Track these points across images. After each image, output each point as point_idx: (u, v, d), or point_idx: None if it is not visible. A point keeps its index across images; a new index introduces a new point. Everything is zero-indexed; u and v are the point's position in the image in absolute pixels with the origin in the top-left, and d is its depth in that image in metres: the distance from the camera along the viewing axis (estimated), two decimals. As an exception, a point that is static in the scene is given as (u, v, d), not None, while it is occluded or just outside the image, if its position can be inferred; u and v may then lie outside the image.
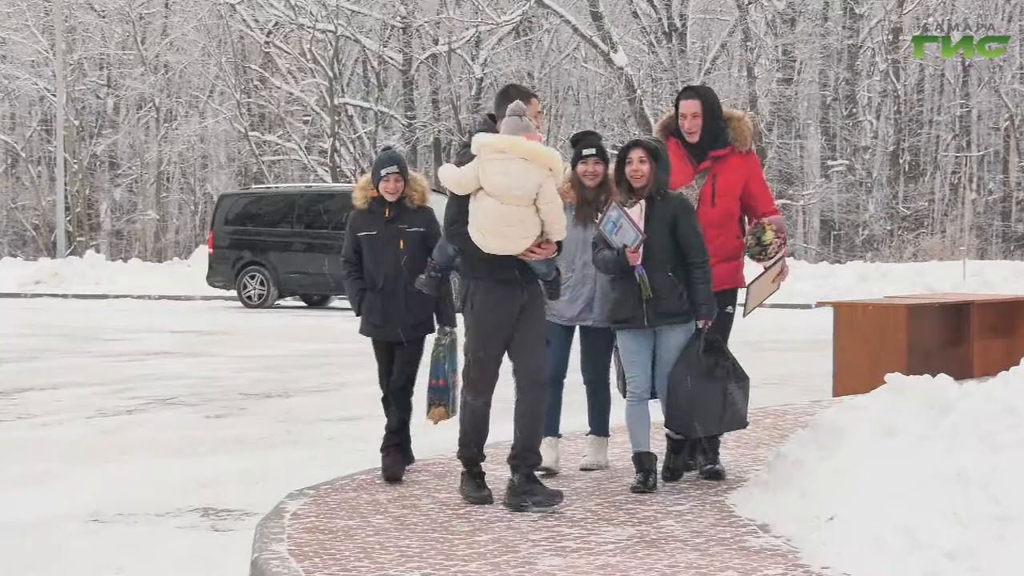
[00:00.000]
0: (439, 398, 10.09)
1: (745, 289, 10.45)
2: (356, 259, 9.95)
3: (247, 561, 9.28)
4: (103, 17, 62.52)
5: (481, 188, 8.43)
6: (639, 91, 50.83)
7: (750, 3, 53.92)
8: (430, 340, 10.54)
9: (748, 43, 56.12)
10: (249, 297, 33.04)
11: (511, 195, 8.30)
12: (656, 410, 10.02)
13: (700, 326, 9.77)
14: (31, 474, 12.84)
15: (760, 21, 56.67)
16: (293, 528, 9.80)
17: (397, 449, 10.52)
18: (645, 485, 9.69)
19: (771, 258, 9.68)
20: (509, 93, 8.86)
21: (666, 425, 10.09)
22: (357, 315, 10.18)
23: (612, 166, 9.73)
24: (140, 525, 10.79)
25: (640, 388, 9.65)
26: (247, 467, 12.17)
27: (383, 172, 9.64)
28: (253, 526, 10.13)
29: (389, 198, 9.79)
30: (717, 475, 10.22)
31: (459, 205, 8.55)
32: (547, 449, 10.06)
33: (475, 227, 8.42)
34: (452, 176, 8.65)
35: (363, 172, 23.74)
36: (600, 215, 9.56)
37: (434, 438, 11.74)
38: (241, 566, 9.25)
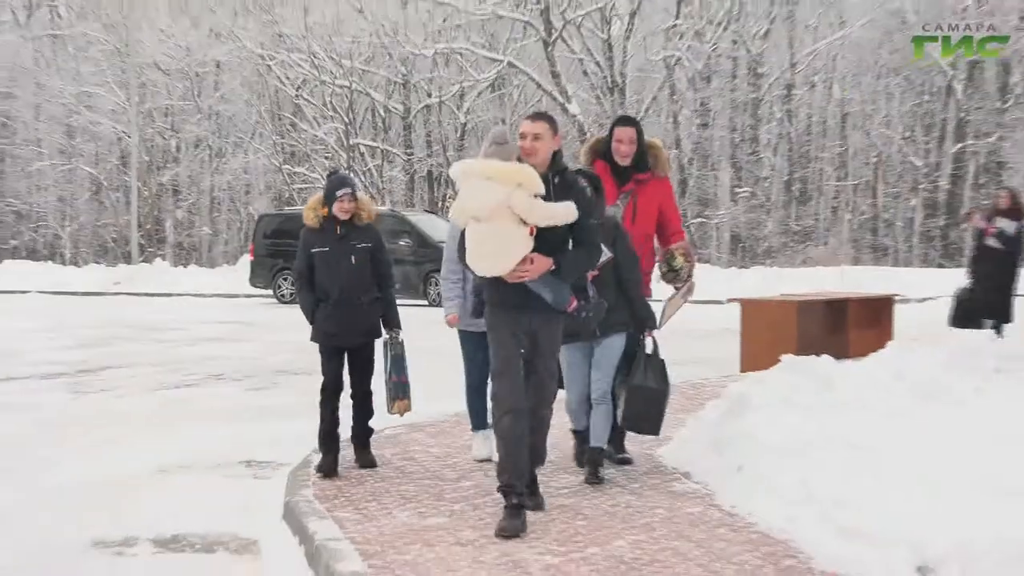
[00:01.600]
0: (402, 392, 9.56)
1: (662, 306, 9.98)
2: (309, 274, 9.30)
3: (281, 503, 9.28)
4: (168, 75, 62.27)
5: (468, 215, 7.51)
6: (588, 134, 50.60)
7: (675, 64, 53.80)
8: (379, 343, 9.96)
9: (674, 96, 55.94)
10: (282, 295, 32.90)
11: (479, 213, 7.29)
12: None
13: (647, 336, 9.22)
14: (109, 436, 12.83)
15: (683, 79, 56.50)
16: (317, 477, 9.80)
17: (336, 448, 9.70)
18: (596, 477, 9.11)
19: (683, 280, 9.54)
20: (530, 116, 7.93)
21: (623, 426, 9.51)
22: (311, 323, 9.51)
23: None
24: (196, 475, 10.81)
25: (577, 390, 9.24)
26: (280, 429, 12.14)
27: (338, 193, 9.08)
28: (286, 475, 10.17)
29: (342, 217, 9.18)
30: (630, 462, 9.86)
31: (462, 235, 7.67)
32: (483, 442, 9.86)
33: (468, 252, 7.50)
34: (451, 213, 7.92)
35: (371, 197, 23.19)
36: None
37: (432, 408, 11.74)
38: (276, 507, 9.32)
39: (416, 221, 34.27)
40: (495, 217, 7.21)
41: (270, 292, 33.46)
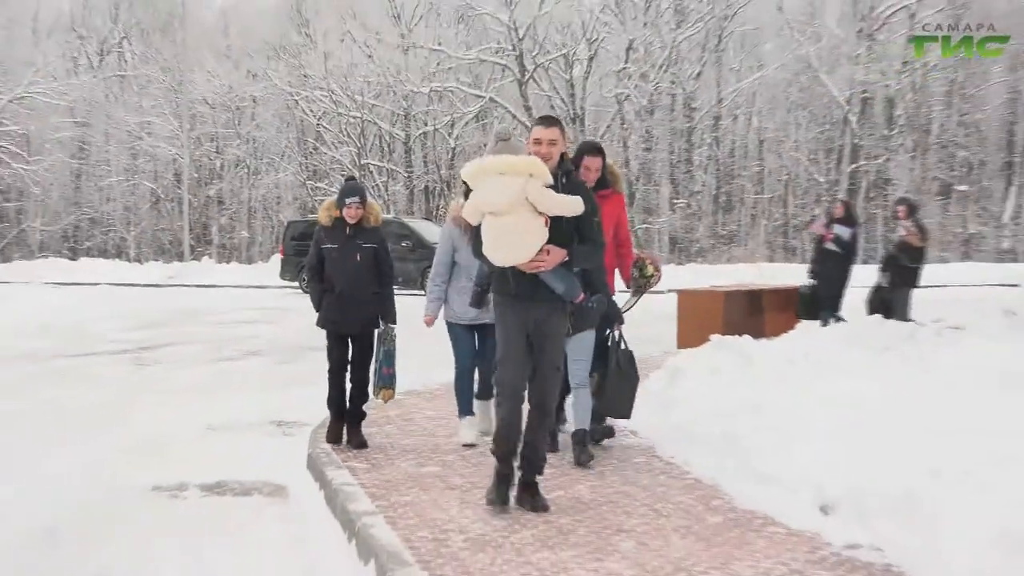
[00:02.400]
0: (389, 383, 9.01)
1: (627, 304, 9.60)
2: (319, 267, 8.86)
3: (305, 455, 9.28)
4: (213, 108, 62.23)
5: (483, 211, 6.70)
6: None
7: (624, 100, 53.79)
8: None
9: (623, 125, 55.83)
10: (306, 286, 32.86)
11: (499, 207, 6.52)
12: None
13: (616, 329, 8.77)
14: (165, 401, 12.87)
15: (631, 112, 56.34)
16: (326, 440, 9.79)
17: (342, 417, 9.26)
18: (586, 454, 8.46)
19: (651, 286, 9.40)
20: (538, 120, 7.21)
21: (604, 413, 8.94)
22: (317, 311, 8.99)
23: None
24: (236, 433, 10.85)
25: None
26: (303, 395, 12.10)
27: (347, 201, 8.66)
28: (308, 433, 10.15)
29: (351, 220, 8.71)
30: (612, 433, 9.25)
31: (476, 231, 6.86)
32: (468, 428, 9.20)
33: (485, 245, 6.71)
34: (464, 211, 7.00)
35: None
36: None
37: (426, 377, 11.68)
38: (301, 458, 9.31)
39: (415, 226, 34.46)
40: (513, 210, 6.51)
41: (296, 284, 33.39)
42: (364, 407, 9.35)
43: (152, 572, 6.50)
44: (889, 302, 16.08)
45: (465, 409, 9.16)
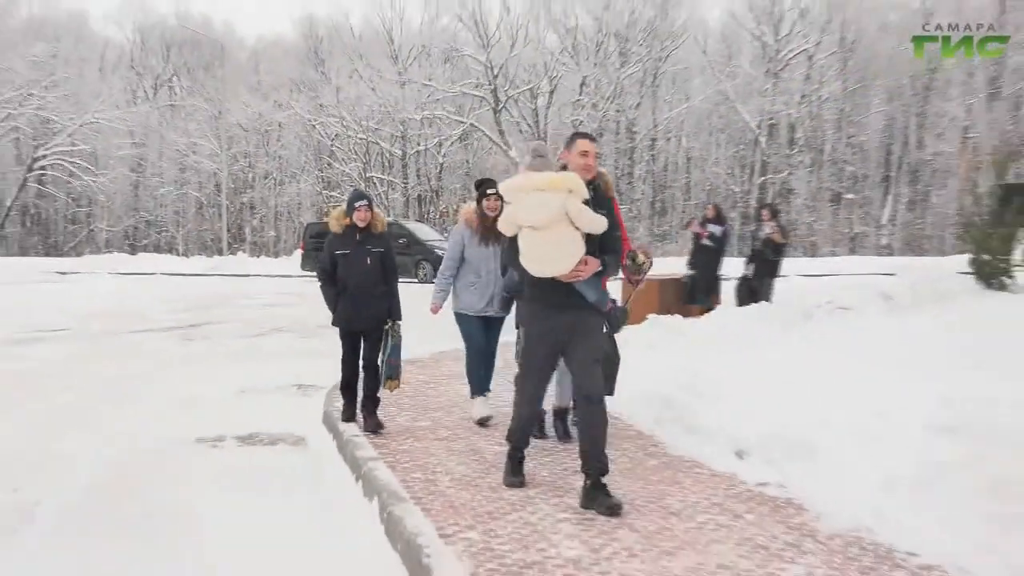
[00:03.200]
0: (395, 373, 8.30)
1: (626, 297, 9.28)
2: (332, 270, 8.19)
3: (321, 412, 9.23)
4: (246, 131, 62.22)
5: (520, 225, 5.94)
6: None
7: (579, 125, 53.88)
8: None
9: (578, 145, 56.32)
10: (322, 276, 32.96)
11: (541, 221, 5.81)
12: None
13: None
14: (207, 368, 12.83)
15: (584, 134, 56.70)
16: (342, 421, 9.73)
17: (354, 400, 8.50)
18: (540, 432, 7.75)
19: (644, 273, 8.91)
20: (571, 136, 6.39)
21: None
22: (332, 311, 8.27)
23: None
24: (265, 394, 10.77)
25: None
26: (322, 364, 12.05)
27: (356, 204, 8.06)
28: (324, 394, 10.10)
29: (360, 224, 8.09)
30: None
31: (511, 242, 6.07)
32: (482, 404, 8.40)
33: (524, 257, 5.93)
34: (500, 225, 6.13)
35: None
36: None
37: (420, 349, 11.57)
38: (318, 414, 9.25)
39: (410, 227, 34.40)
40: (554, 224, 5.81)
41: (314, 274, 33.36)
42: (379, 394, 8.66)
43: (198, 507, 6.51)
44: (756, 290, 16.17)
45: (478, 389, 8.45)
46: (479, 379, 8.40)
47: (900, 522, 5.54)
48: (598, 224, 5.89)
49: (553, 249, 5.82)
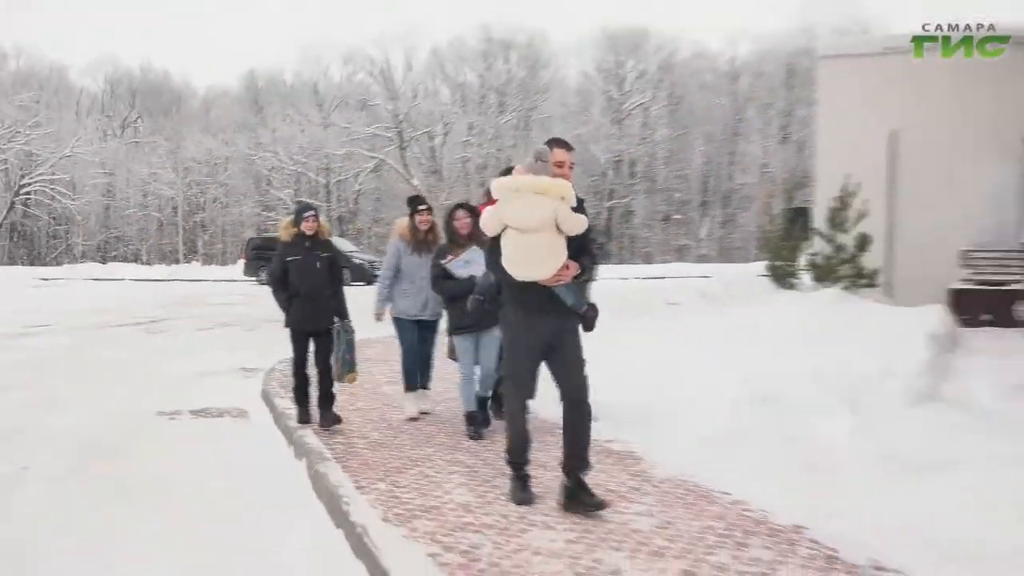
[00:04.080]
0: (352, 367, 7.33)
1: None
2: (283, 277, 7.24)
3: (260, 390, 9.07)
4: (199, 162, 60.75)
5: (507, 225, 5.01)
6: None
7: (467, 161, 53.95)
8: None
9: (466, 177, 56.30)
10: (261, 281, 32.10)
11: (532, 224, 4.90)
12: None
13: None
14: (167, 356, 12.54)
15: (472, 169, 56.85)
16: (279, 376, 9.58)
17: (307, 402, 7.38)
18: (477, 434, 6.73)
19: (592, 278, 7.36)
20: (549, 142, 5.23)
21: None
22: (285, 314, 7.28)
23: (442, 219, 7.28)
24: (215, 376, 10.55)
25: (469, 371, 6.91)
26: (261, 351, 11.89)
27: (305, 215, 7.28)
28: (262, 375, 9.93)
29: (309, 232, 7.25)
30: None
31: (493, 243, 5.13)
32: (414, 400, 7.49)
33: (507, 259, 5.01)
34: (483, 223, 5.17)
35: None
36: (450, 256, 6.78)
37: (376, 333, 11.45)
38: (257, 392, 9.09)
39: (334, 241, 33.71)
40: (542, 228, 4.92)
41: (255, 279, 32.65)
42: (333, 390, 7.58)
43: (160, 469, 6.40)
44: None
45: (411, 384, 7.54)
46: (412, 376, 7.54)
47: (716, 469, 5.66)
48: (581, 225, 4.98)
49: (537, 253, 4.94)
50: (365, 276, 27.61)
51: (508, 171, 7.07)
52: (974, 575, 3.94)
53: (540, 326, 4.99)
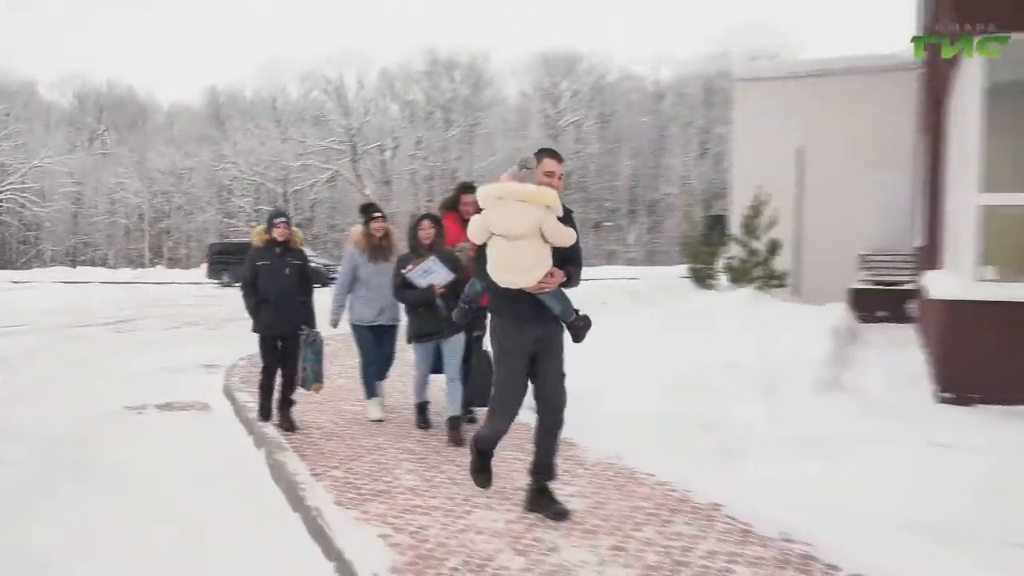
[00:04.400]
0: (319, 377, 6.82)
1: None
2: (253, 280, 6.71)
3: (222, 385, 8.92)
4: (163, 173, 59.48)
5: (493, 233, 4.58)
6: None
7: (414, 173, 53.75)
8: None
9: (415, 187, 56.05)
10: (224, 283, 31.65)
11: (516, 232, 4.48)
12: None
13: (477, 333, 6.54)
14: (135, 353, 12.26)
15: (419, 178, 56.63)
16: (240, 371, 9.42)
17: (270, 400, 6.95)
18: (425, 423, 6.61)
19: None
20: (539, 152, 4.76)
21: (469, 399, 6.58)
22: (253, 318, 6.78)
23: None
24: (179, 372, 10.34)
25: (425, 369, 6.46)
26: (224, 348, 11.72)
27: (275, 221, 6.76)
28: (224, 371, 9.76)
29: (280, 238, 6.74)
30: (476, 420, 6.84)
31: (480, 251, 4.69)
32: (375, 407, 7.03)
33: (492, 266, 4.59)
34: (470, 231, 4.70)
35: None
36: (411, 265, 6.24)
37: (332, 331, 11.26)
38: (219, 387, 8.94)
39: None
40: (527, 236, 4.50)
41: (217, 281, 32.15)
42: (294, 396, 7.10)
43: (127, 459, 6.26)
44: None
45: (371, 392, 7.13)
46: (372, 383, 7.11)
47: (643, 453, 5.71)
48: (568, 237, 4.57)
49: (522, 260, 4.53)
50: (320, 279, 27.35)
51: (464, 187, 6.95)
52: (875, 544, 4.03)
53: (527, 333, 4.58)
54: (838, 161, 14.53)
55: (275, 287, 6.68)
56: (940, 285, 6.96)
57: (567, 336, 4.73)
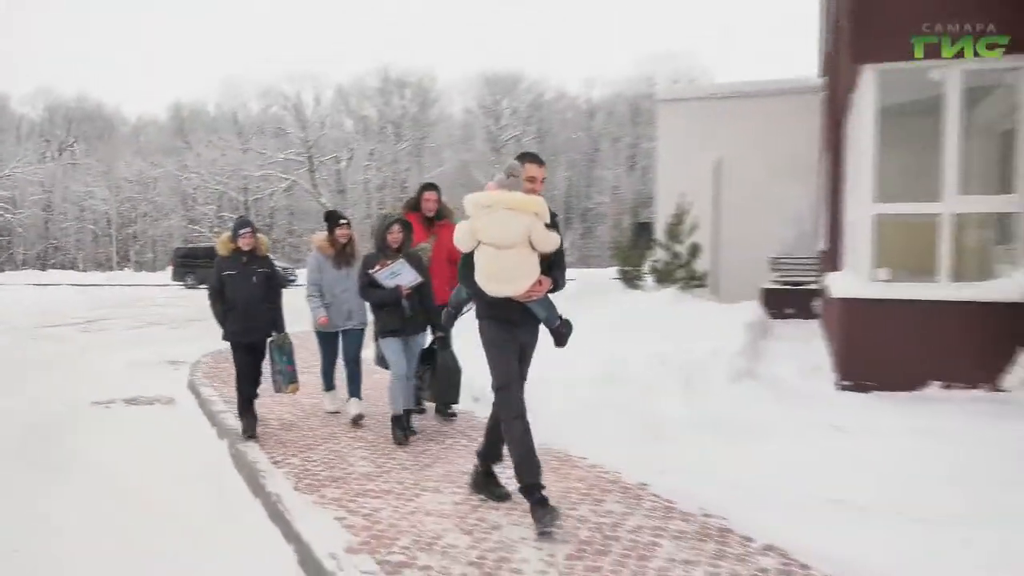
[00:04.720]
0: (293, 378, 6.41)
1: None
2: (220, 289, 6.17)
3: (187, 379, 8.71)
4: (130, 182, 57.95)
5: (480, 241, 4.24)
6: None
7: (368, 182, 53.27)
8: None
9: (368, 195, 55.55)
10: (189, 285, 30.98)
11: (506, 242, 4.15)
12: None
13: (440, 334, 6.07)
14: (103, 351, 11.93)
15: (372, 187, 56.13)
16: (203, 367, 9.22)
17: (254, 414, 6.18)
18: (405, 437, 5.82)
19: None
20: (521, 157, 4.47)
21: (436, 400, 6.23)
22: (222, 326, 6.21)
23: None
24: (146, 368, 10.10)
25: (401, 372, 5.84)
26: (188, 346, 11.47)
27: (240, 231, 6.25)
28: (188, 367, 9.55)
29: (246, 248, 6.23)
30: (424, 411, 6.71)
31: (466, 258, 4.32)
32: (331, 399, 6.88)
33: (479, 274, 4.23)
34: (457, 239, 4.33)
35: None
36: (378, 265, 5.84)
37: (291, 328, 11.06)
38: (184, 382, 8.73)
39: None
40: (516, 244, 4.17)
41: (182, 283, 31.45)
42: (259, 391, 6.48)
43: (96, 443, 6.11)
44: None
45: (328, 386, 6.89)
46: (329, 379, 6.84)
47: (576, 438, 5.73)
48: (554, 243, 4.27)
49: (511, 269, 4.18)
50: (281, 281, 27.07)
51: (426, 186, 6.74)
52: (784, 519, 4.10)
53: (512, 340, 4.29)
54: (751, 174, 14.79)
55: (242, 295, 6.19)
56: (840, 285, 7.12)
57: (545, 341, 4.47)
